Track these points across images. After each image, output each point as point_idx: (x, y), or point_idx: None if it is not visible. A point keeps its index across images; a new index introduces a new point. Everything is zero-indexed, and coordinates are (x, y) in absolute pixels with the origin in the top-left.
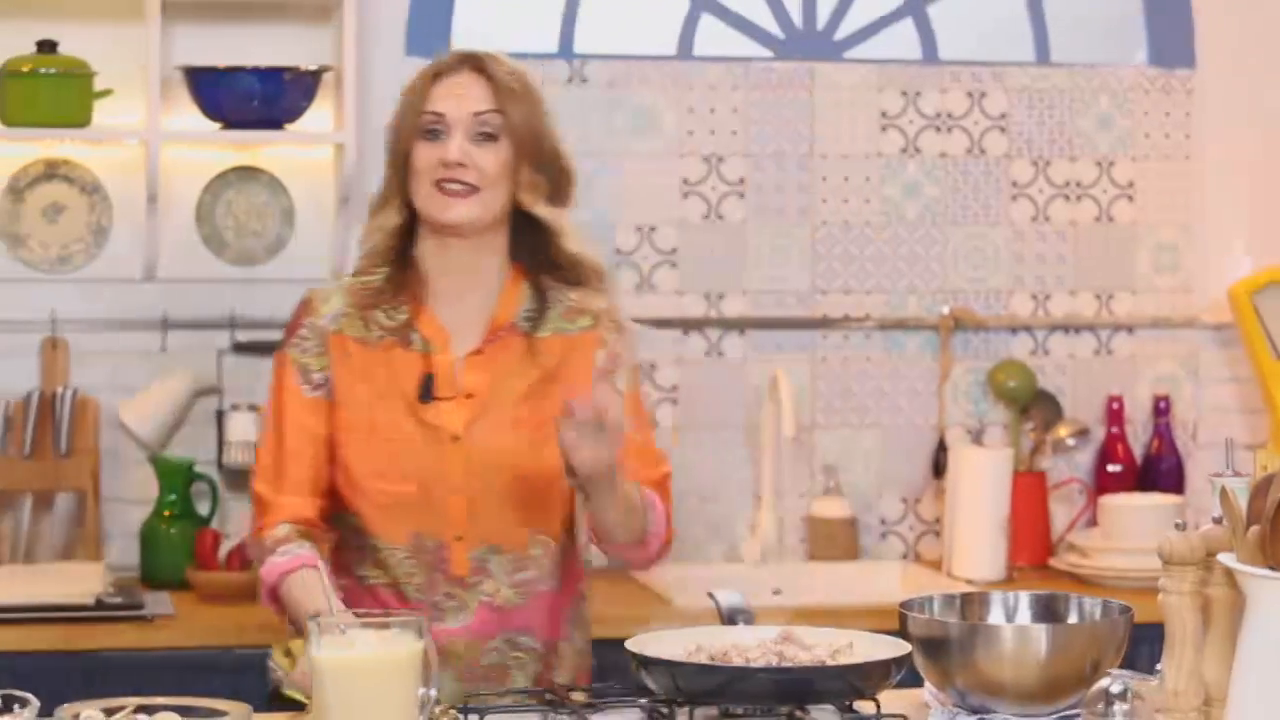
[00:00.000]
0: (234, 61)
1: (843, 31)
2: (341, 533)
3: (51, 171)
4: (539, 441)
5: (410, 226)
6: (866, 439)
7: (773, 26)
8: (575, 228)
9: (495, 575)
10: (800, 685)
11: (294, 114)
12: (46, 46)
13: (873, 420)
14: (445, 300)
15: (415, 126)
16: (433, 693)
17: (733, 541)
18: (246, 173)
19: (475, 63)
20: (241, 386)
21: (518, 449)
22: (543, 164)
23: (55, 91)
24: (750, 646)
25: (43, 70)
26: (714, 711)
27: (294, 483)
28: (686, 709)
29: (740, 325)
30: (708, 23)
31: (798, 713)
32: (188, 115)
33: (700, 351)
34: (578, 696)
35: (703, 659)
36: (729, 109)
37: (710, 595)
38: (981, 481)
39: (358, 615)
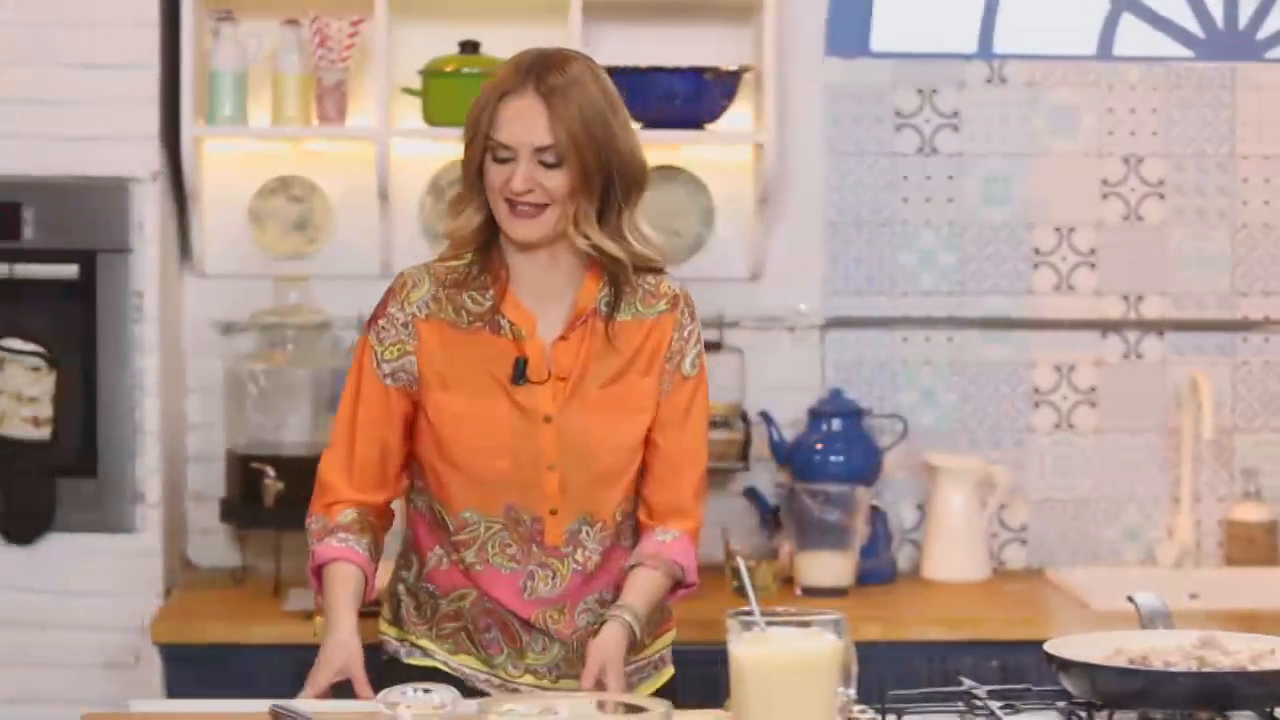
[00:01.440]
0: (654, 62)
1: (1265, 31)
2: (427, 516)
3: None
4: (620, 420)
5: (491, 221)
6: None
7: (1193, 26)
8: (633, 235)
9: (586, 544)
10: (1222, 691)
11: (714, 114)
12: (469, 47)
13: None
14: (528, 287)
15: (485, 148)
16: (851, 692)
17: (1149, 545)
18: (667, 172)
19: (537, 82)
20: None
21: (604, 429)
22: (600, 183)
23: (477, 91)
24: (1170, 650)
25: (465, 70)
26: (1132, 716)
27: (362, 464)
28: (1105, 712)
29: (1159, 327)
30: (1128, 22)
31: (1217, 719)
32: None
33: (1119, 353)
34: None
35: (1122, 662)
36: (1149, 109)
37: (1130, 599)
38: None
39: (776, 614)
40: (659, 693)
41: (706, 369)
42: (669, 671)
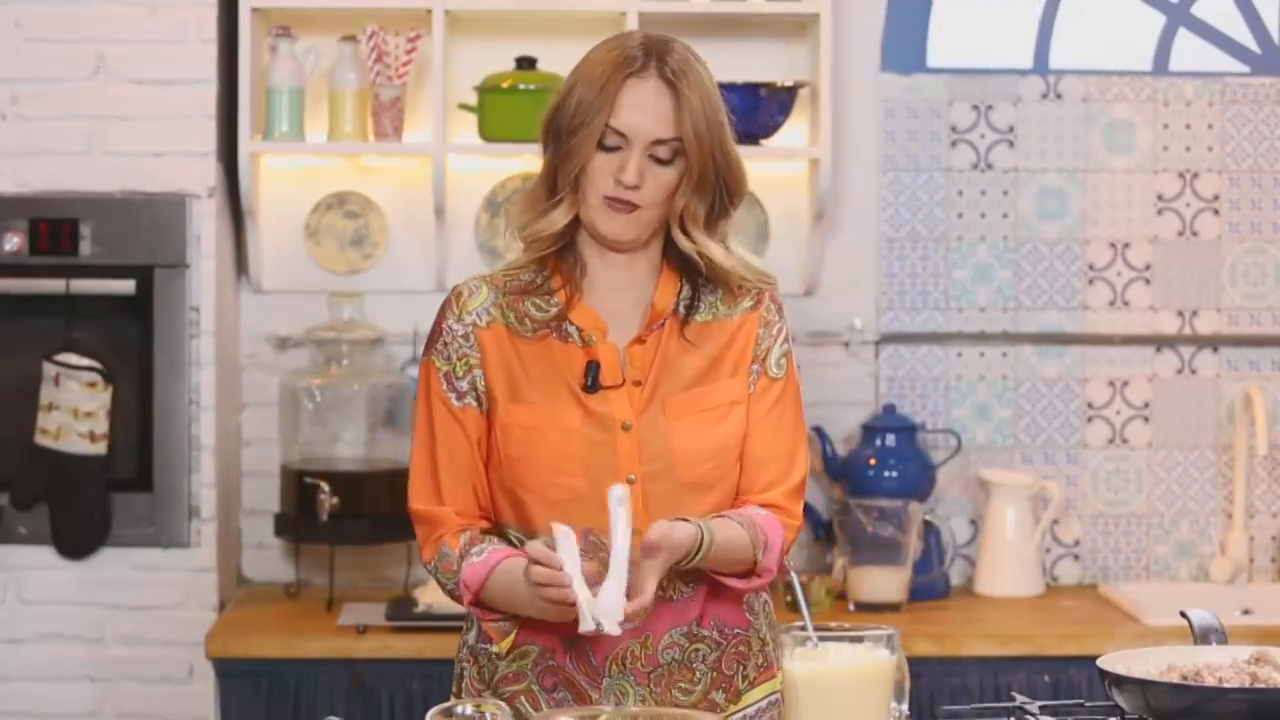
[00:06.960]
0: None
1: None
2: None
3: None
4: (705, 426)
5: (574, 219)
6: None
7: (1249, 41)
8: (725, 245)
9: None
10: (1275, 707)
11: (770, 129)
12: (525, 63)
13: None
14: (600, 291)
15: (598, 135)
16: (904, 708)
17: (1202, 560)
18: None
19: (662, 68)
20: None
21: (688, 435)
22: (713, 182)
23: (533, 107)
24: (1223, 666)
25: (521, 86)
26: None
27: (452, 496)
28: None
29: (1214, 342)
30: (1184, 37)
31: None
32: None
33: (1172, 369)
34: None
35: (1175, 678)
36: (1204, 124)
37: (1183, 614)
38: None
39: (829, 629)
40: None
41: (796, 370)
42: None
